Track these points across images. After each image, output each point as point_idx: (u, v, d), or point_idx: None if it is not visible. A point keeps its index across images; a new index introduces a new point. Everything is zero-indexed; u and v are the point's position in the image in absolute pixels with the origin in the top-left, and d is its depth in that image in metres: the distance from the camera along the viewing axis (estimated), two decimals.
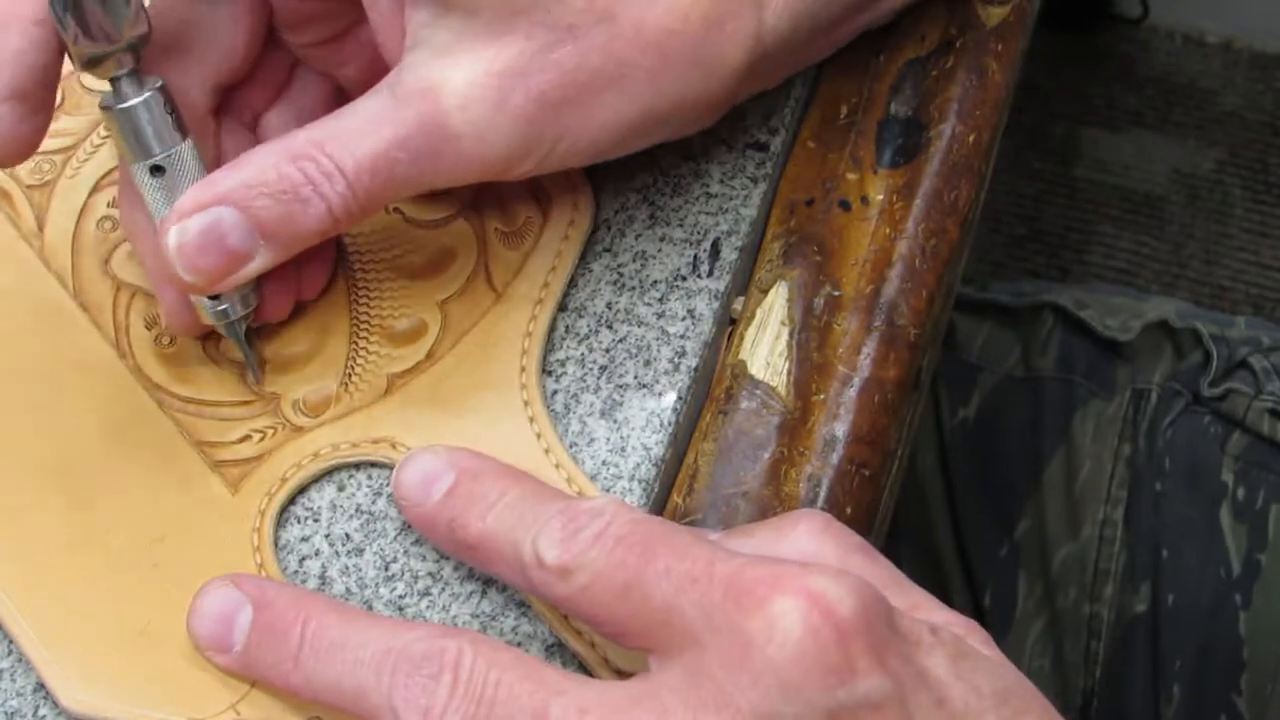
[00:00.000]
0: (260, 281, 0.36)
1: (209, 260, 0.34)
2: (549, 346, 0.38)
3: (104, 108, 0.34)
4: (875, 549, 0.34)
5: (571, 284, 0.39)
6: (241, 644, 0.33)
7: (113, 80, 0.34)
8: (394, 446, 0.37)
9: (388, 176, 0.34)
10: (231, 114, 0.38)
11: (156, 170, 0.35)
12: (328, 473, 0.37)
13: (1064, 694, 0.62)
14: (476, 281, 0.38)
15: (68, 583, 0.36)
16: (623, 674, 0.34)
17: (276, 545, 0.36)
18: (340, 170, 0.33)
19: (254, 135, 0.39)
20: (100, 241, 0.40)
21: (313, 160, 0.33)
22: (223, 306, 0.36)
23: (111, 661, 0.35)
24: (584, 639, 0.35)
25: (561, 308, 0.39)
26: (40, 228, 0.40)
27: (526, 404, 0.37)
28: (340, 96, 0.39)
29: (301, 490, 0.37)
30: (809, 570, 0.30)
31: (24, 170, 0.41)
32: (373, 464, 0.37)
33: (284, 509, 0.37)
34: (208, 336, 0.38)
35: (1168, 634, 0.59)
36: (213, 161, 0.37)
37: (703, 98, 0.36)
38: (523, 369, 0.37)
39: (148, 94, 0.34)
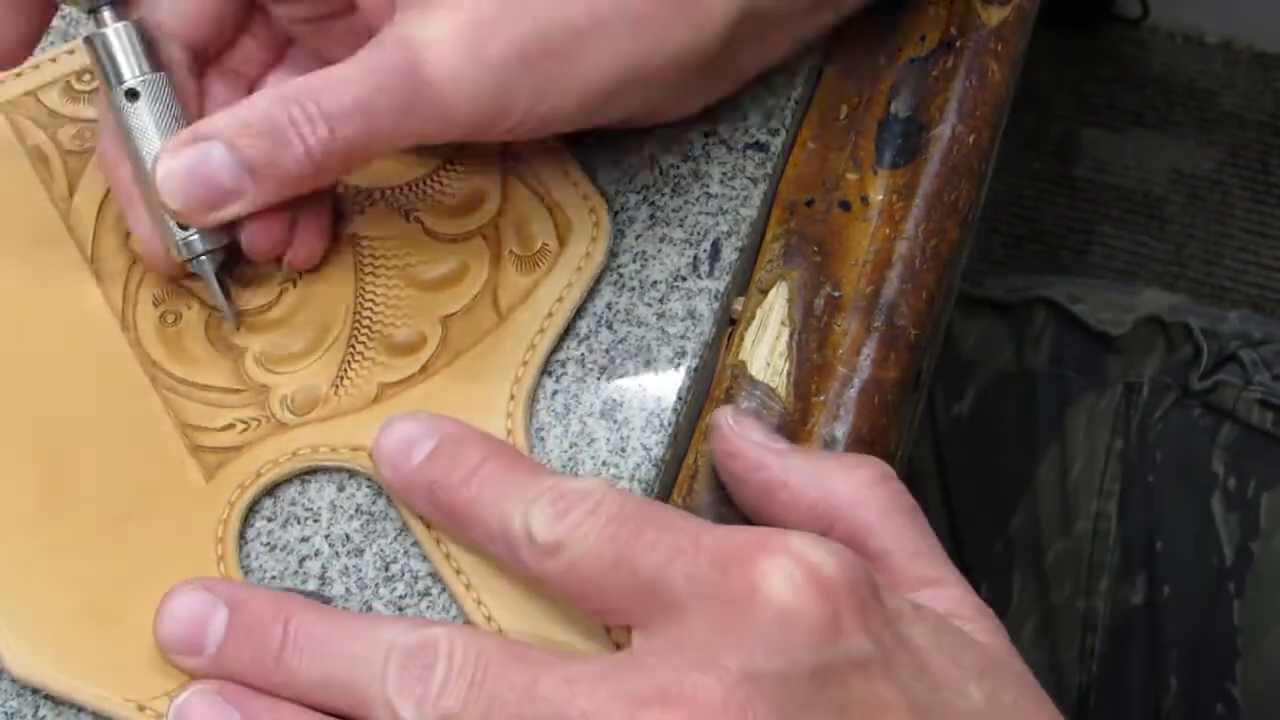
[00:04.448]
0: (243, 220, 0.37)
1: (196, 191, 0.35)
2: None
3: (85, 40, 0.37)
4: (923, 517, 0.34)
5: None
6: (216, 645, 0.33)
7: (94, 11, 0.37)
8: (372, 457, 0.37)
9: (368, 125, 0.35)
10: (225, 75, 0.40)
11: (132, 95, 0.37)
12: (303, 474, 0.37)
13: (1059, 690, 0.62)
14: (482, 302, 0.38)
15: (32, 549, 0.36)
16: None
17: (242, 539, 0.36)
18: (323, 115, 0.35)
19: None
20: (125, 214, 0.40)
21: (299, 104, 0.35)
22: (192, 237, 0.37)
23: (60, 633, 0.35)
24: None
25: None
26: (70, 193, 0.40)
27: (510, 433, 0.37)
28: None
29: (275, 488, 0.37)
30: (791, 535, 0.30)
31: (65, 135, 0.41)
32: (349, 470, 0.37)
33: (254, 504, 0.37)
34: (209, 320, 0.39)
35: (1164, 625, 0.60)
36: (195, 116, 0.38)
37: (691, 51, 0.36)
38: (512, 397, 0.37)
39: (121, 23, 0.37)
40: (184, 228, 0.37)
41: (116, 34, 0.37)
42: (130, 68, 0.37)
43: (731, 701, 0.28)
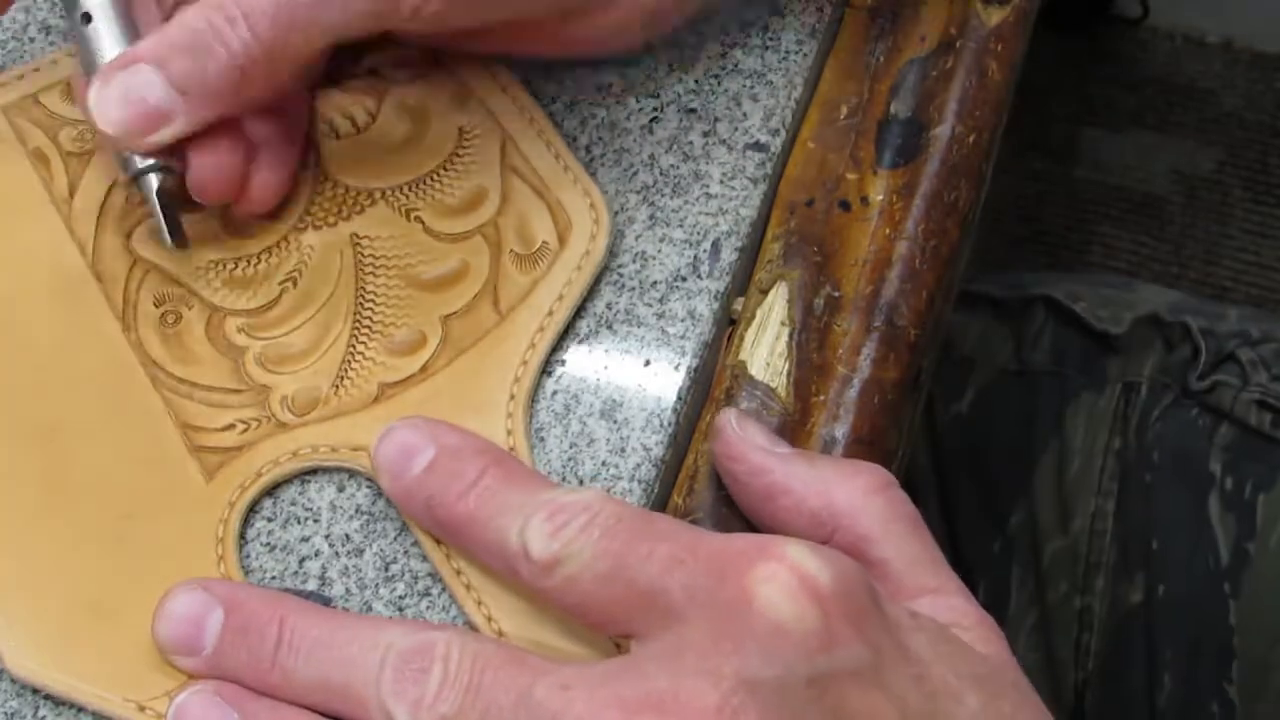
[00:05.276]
0: (188, 146, 0.37)
1: (128, 113, 0.36)
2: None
3: None
4: (924, 525, 0.34)
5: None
6: (213, 646, 0.33)
7: None
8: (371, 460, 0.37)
9: (288, 18, 0.35)
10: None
11: (86, 18, 0.37)
12: (303, 474, 0.37)
13: (1057, 688, 0.62)
14: (482, 301, 0.38)
15: (33, 547, 0.36)
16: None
17: (242, 539, 0.36)
18: (244, 15, 0.35)
19: None
20: (126, 214, 0.40)
21: (220, 9, 0.35)
22: (132, 156, 0.37)
23: (60, 632, 0.35)
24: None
25: None
26: (71, 194, 0.41)
27: (510, 433, 0.37)
28: None
29: (275, 488, 0.37)
30: (788, 543, 0.30)
31: (66, 137, 0.41)
32: (349, 471, 0.37)
33: (254, 504, 0.37)
34: (209, 320, 0.39)
35: (1160, 625, 0.60)
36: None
37: None
38: (512, 397, 0.37)
39: None
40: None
41: None
42: None
43: (726, 708, 0.28)
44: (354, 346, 0.38)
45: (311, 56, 0.37)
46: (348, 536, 0.37)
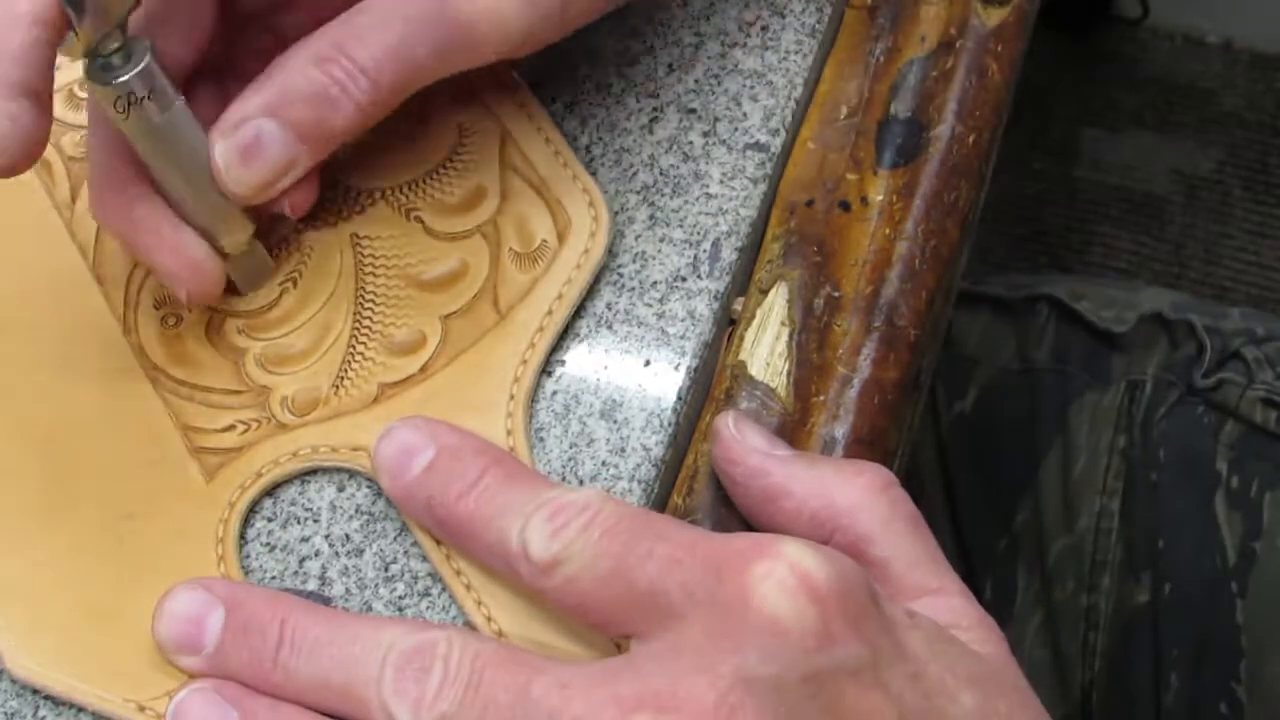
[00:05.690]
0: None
1: (255, 171, 0.35)
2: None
3: (105, 82, 0.33)
4: (925, 525, 0.34)
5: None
6: (214, 644, 0.33)
7: (106, 55, 0.34)
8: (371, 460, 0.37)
9: (410, 68, 0.35)
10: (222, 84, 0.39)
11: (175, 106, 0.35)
12: (303, 474, 0.37)
13: (1063, 685, 0.62)
14: (482, 301, 0.38)
15: (34, 547, 0.36)
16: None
17: (242, 539, 0.36)
18: (362, 69, 0.35)
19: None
20: None
21: (335, 62, 0.35)
22: (248, 223, 0.37)
23: (60, 634, 0.35)
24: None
25: None
26: (73, 199, 0.41)
27: (509, 433, 0.37)
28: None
29: (275, 488, 0.37)
30: (786, 541, 0.30)
31: (68, 142, 0.41)
32: (349, 471, 0.37)
33: (254, 505, 0.37)
34: (209, 321, 0.39)
35: (1166, 624, 0.60)
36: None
37: None
38: (511, 397, 0.37)
39: (148, 56, 0.34)
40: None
41: (151, 68, 0.34)
42: (172, 84, 0.35)
43: (723, 705, 0.28)
44: (354, 347, 0.38)
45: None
46: (348, 536, 0.37)
